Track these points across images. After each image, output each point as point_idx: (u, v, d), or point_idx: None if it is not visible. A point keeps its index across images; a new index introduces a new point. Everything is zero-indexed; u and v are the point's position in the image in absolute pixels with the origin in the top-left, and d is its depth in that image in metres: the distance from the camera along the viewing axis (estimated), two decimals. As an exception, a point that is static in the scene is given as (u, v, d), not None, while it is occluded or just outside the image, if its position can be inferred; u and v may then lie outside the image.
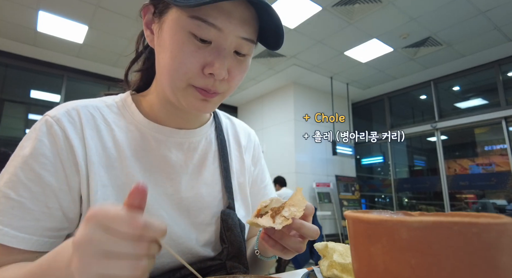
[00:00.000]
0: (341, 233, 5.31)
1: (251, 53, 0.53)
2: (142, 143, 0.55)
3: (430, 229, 0.20)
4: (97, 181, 0.49)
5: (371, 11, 3.50)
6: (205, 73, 0.47)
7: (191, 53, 0.46)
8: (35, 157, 0.47)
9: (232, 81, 0.51)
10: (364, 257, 0.24)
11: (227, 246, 0.57)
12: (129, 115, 0.57)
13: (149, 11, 0.53)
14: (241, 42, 0.48)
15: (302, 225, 0.45)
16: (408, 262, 0.21)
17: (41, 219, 0.46)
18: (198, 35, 0.46)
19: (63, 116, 0.51)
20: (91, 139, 0.51)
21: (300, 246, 0.48)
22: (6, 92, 4.71)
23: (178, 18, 0.47)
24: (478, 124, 4.90)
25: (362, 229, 0.24)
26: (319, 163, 5.55)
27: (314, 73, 5.22)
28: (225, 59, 0.47)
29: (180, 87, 0.49)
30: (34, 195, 0.46)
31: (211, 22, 0.45)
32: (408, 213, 0.28)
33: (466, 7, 3.41)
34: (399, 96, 5.98)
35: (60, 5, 3.42)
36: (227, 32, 0.46)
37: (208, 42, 0.47)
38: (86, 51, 4.49)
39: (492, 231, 0.19)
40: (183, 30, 0.46)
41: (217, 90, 0.50)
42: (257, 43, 0.52)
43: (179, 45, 0.47)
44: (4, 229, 0.43)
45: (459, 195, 5.09)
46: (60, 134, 0.49)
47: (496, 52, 4.40)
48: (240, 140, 0.72)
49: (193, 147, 0.61)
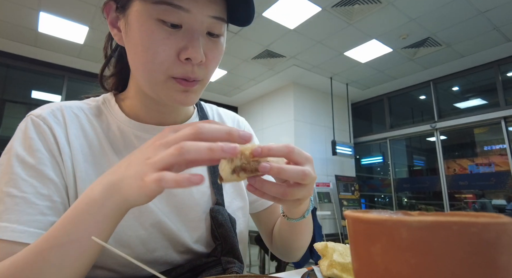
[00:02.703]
0: (341, 233, 5.31)
1: (224, 34, 0.52)
2: (125, 143, 0.55)
3: (430, 229, 0.20)
4: (84, 178, 0.50)
5: (371, 11, 3.51)
6: (181, 59, 0.46)
7: (162, 41, 0.45)
8: (32, 154, 0.47)
9: (209, 65, 0.50)
10: (363, 256, 0.24)
11: (220, 242, 0.56)
12: (111, 114, 0.57)
13: (111, 8, 0.52)
14: (212, 22, 0.47)
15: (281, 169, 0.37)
16: (407, 262, 0.21)
17: (47, 213, 0.45)
18: (166, 20, 0.45)
19: (48, 115, 0.51)
20: (76, 138, 0.51)
21: (282, 190, 0.39)
22: (7, 93, 4.70)
23: (142, 7, 0.46)
24: (477, 124, 4.90)
25: (361, 229, 0.24)
26: (319, 163, 5.55)
27: (314, 74, 5.22)
28: (198, 41, 0.46)
29: (159, 80, 0.48)
30: (37, 190, 0.45)
31: (177, 4, 0.44)
32: (408, 212, 0.28)
33: (465, 7, 3.41)
34: (398, 96, 5.99)
35: (61, 6, 3.42)
36: (195, 12, 0.45)
37: (178, 27, 0.46)
38: (87, 52, 4.49)
39: (492, 230, 0.19)
40: (150, 18, 0.45)
41: (197, 77, 0.49)
42: (227, 22, 0.51)
43: (149, 35, 0.45)
44: (11, 225, 0.42)
45: (458, 195, 5.10)
46: (48, 132, 0.49)
47: (495, 52, 4.41)
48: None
49: None
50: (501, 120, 4.57)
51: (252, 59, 4.69)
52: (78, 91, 5.10)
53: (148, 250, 0.52)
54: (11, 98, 4.75)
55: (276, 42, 4.20)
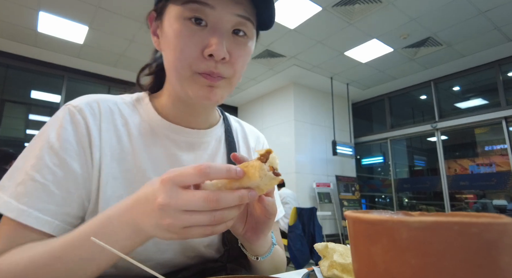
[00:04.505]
0: (341, 233, 5.31)
1: (252, 36, 0.53)
2: (154, 140, 0.56)
3: (430, 229, 0.20)
4: (108, 173, 0.51)
5: (371, 11, 3.51)
6: (205, 55, 0.48)
7: (188, 38, 0.48)
8: (60, 143, 0.48)
9: (235, 64, 0.51)
10: (364, 257, 0.24)
11: (228, 248, 0.57)
12: (144, 112, 0.58)
13: (153, 18, 0.56)
14: (237, 21, 0.49)
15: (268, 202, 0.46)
16: (408, 262, 0.21)
17: (61, 204, 0.47)
18: (192, 17, 0.47)
19: (85, 106, 0.52)
20: (106, 132, 0.53)
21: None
22: (7, 93, 4.71)
23: (173, 11, 0.49)
24: (478, 124, 4.90)
25: (362, 229, 0.24)
26: (319, 163, 5.55)
27: (314, 74, 5.22)
28: (221, 38, 0.48)
29: (185, 76, 0.50)
30: (57, 179, 0.47)
31: (203, 1, 0.46)
32: (408, 213, 0.28)
33: (466, 7, 3.41)
34: (399, 96, 5.98)
35: (61, 5, 3.42)
36: (220, 9, 0.47)
37: (204, 25, 0.48)
38: (87, 52, 4.49)
39: (493, 231, 0.19)
40: (179, 19, 0.48)
41: (221, 73, 0.50)
42: (255, 24, 0.52)
43: (176, 34, 0.48)
44: (28, 210, 0.44)
45: (459, 195, 5.09)
46: (82, 123, 0.51)
47: (496, 52, 4.40)
48: (249, 142, 0.73)
49: (204, 147, 0.62)
50: (502, 120, 4.57)
51: (252, 59, 4.69)
52: (78, 91, 5.11)
53: (159, 249, 0.53)
54: (11, 98, 4.75)
55: (276, 42, 4.21)
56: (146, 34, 3.94)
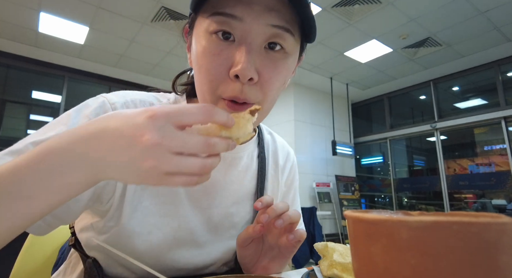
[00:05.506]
0: (341, 233, 5.31)
1: (292, 50, 0.44)
2: None
3: (430, 229, 0.20)
4: None
5: (371, 11, 3.51)
6: (230, 76, 0.41)
7: (213, 56, 0.41)
8: None
9: (264, 86, 0.43)
10: (364, 256, 0.24)
11: (239, 266, 0.57)
12: None
13: (187, 32, 0.51)
14: (272, 32, 0.41)
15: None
16: (408, 262, 0.21)
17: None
18: (218, 31, 0.41)
19: (121, 106, 0.48)
20: None
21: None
22: (8, 93, 4.70)
23: (201, 24, 0.43)
24: (477, 124, 4.90)
25: (362, 229, 0.24)
26: (319, 163, 5.55)
27: (314, 74, 5.22)
28: (249, 54, 0.40)
29: (209, 101, 0.43)
30: None
31: (229, 13, 0.40)
32: (408, 212, 0.28)
33: (465, 7, 3.41)
34: (398, 96, 5.98)
35: (61, 6, 3.42)
36: (249, 20, 0.40)
37: (232, 40, 0.41)
38: (87, 52, 4.49)
39: (492, 230, 0.19)
40: (205, 33, 0.42)
41: (248, 99, 0.42)
42: (296, 35, 0.44)
43: (201, 52, 0.42)
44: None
45: (458, 195, 5.09)
46: None
47: (495, 52, 4.40)
48: (279, 159, 0.68)
49: (235, 163, 0.58)
50: (501, 120, 4.57)
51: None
52: (79, 91, 5.10)
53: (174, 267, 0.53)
54: (11, 98, 4.75)
55: (276, 42, 4.20)
56: (146, 34, 3.94)
